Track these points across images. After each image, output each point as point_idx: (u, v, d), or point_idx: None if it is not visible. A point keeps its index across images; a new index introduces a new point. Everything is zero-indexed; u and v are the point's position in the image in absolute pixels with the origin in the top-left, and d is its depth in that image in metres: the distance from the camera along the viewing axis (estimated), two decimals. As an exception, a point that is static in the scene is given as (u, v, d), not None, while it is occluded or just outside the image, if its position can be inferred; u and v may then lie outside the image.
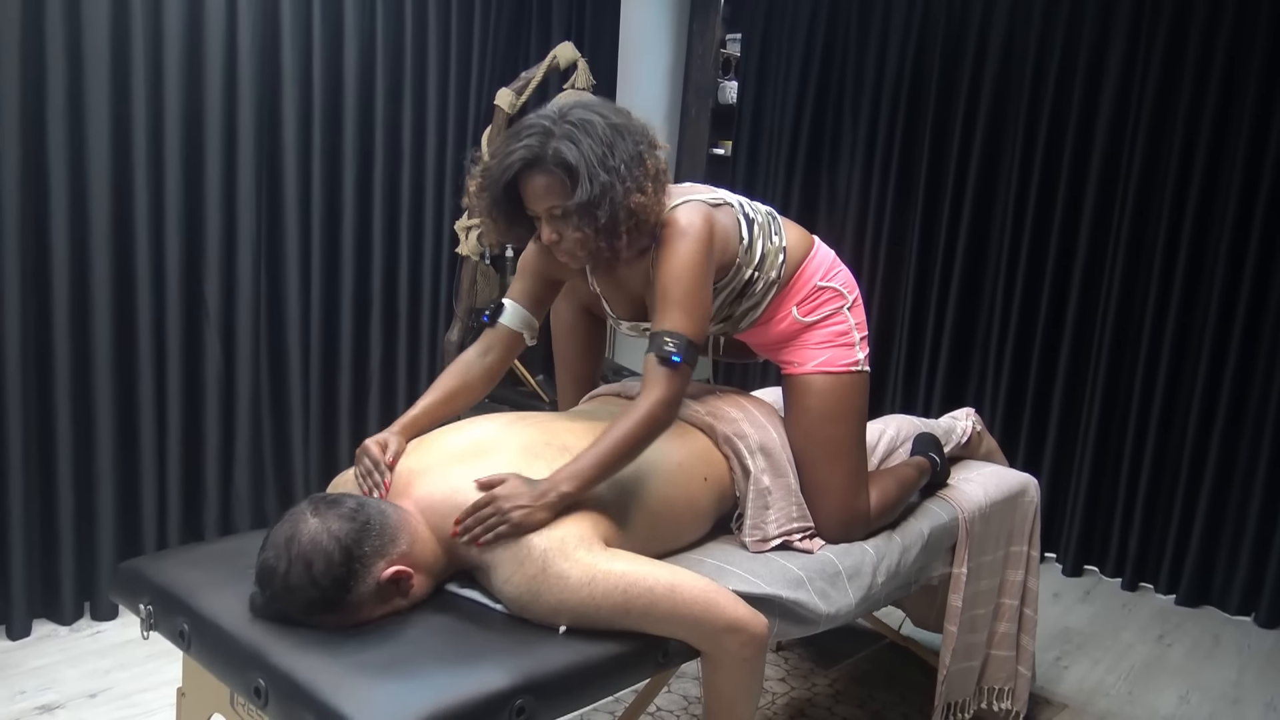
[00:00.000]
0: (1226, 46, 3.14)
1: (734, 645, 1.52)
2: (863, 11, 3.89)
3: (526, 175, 1.67)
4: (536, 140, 1.65)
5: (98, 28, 2.50)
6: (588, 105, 1.71)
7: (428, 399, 1.82)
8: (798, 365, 1.98)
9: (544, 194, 1.67)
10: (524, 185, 1.69)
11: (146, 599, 1.59)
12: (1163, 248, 3.30)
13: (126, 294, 2.66)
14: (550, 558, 1.45)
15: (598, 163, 1.64)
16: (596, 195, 1.63)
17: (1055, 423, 3.56)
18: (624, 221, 1.66)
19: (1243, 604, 3.27)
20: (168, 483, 2.81)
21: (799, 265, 1.97)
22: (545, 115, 1.69)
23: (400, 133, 3.29)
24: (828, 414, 1.95)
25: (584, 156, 1.63)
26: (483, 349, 1.90)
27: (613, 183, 1.64)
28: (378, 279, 3.30)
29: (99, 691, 2.36)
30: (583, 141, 1.64)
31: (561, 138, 1.64)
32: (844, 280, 2.04)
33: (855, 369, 1.98)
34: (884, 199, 3.90)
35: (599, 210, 1.64)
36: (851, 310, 2.01)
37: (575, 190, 1.64)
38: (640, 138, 1.71)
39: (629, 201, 1.66)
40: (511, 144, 1.68)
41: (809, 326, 1.98)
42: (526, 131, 1.67)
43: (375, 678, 1.32)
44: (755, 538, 1.84)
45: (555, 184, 1.66)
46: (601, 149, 1.65)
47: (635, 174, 1.67)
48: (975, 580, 2.24)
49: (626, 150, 1.67)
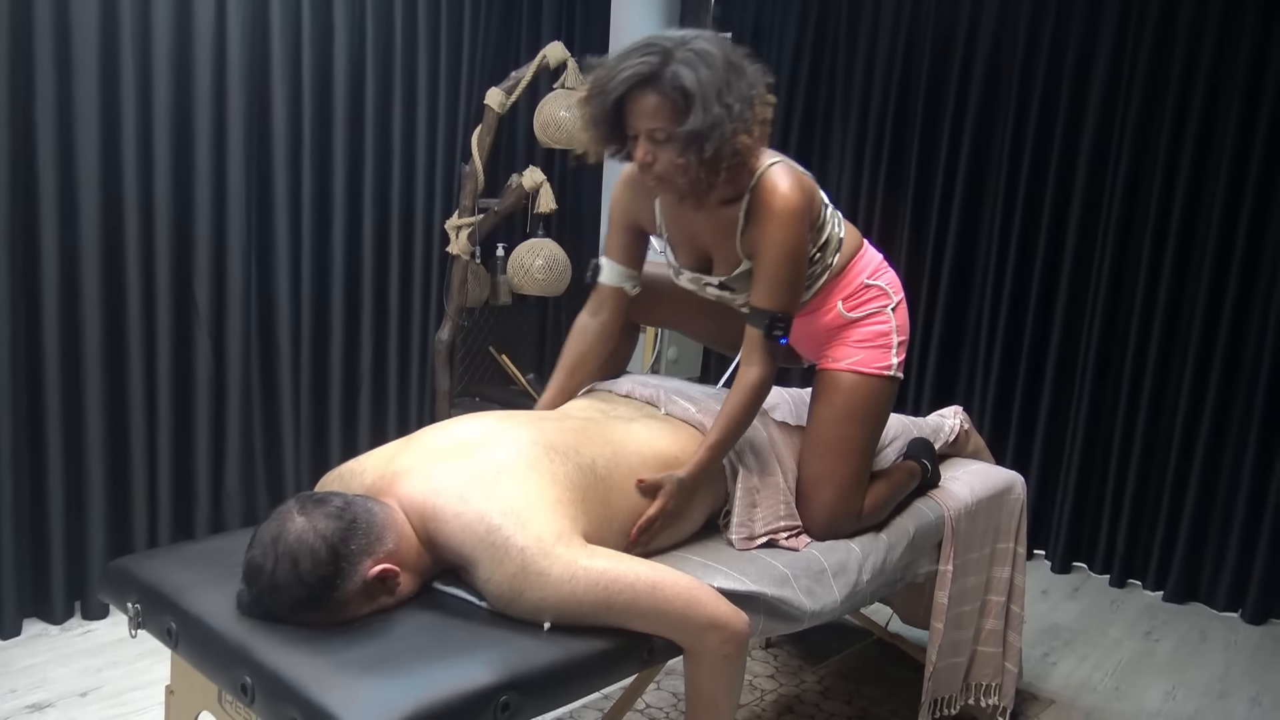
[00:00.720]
0: (1214, 39, 3.16)
1: (715, 642, 1.53)
2: (852, 11, 3.90)
3: (638, 91, 1.66)
4: (656, 59, 1.64)
5: (87, 27, 2.51)
6: (709, 38, 1.69)
7: (556, 380, 2.00)
8: (832, 360, 2.01)
9: (652, 114, 1.67)
10: (632, 101, 1.68)
11: (134, 597, 1.60)
12: (1150, 246, 3.32)
13: (116, 293, 2.67)
14: (529, 556, 1.45)
15: (714, 94, 1.64)
16: (707, 126, 1.64)
17: (1044, 420, 3.57)
18: (727, 159, 1.68)
19: (1229, 600, 3.29)
20: (158, 482, 2.81)
21: (850, 259, 2.00)
22: (666, 37, 1.68)
23: (390, 132, 3.30)
24: (849, 413, 1.98)
25: (701, 84, 1.63)
26: (594, 308, 2.02)
27: (724, 118, 1.65)
28: (368, 278, 3.31)
29: (89, 690, 2.37)
30: (701, 70, 1.63)
31: (681, 62, 1.64)
32: (890, 280, 2.06)
33: (887, 373, 2.00)
34: (874, 197, 3.91)
35: (707, 142, 1.65)
36: (895, 311, 2.03)
37: (688, 117, 1.64)
38: (755, 82, 1.72)
39: (736, 141, 1.67)
40: (627, 59, 1.66)
41: (852, 323, 2.00)
42: (645, 49, 1.66)
43: (361, 674, 1.33)
44: (741, 535, 1.85)
45: (666, 106, 1.65)
46: (719, 82, 1.65)
47: (745, 116, 1.68)
48: (962, 577, 2.26)
49: (741, 90, 1.68)
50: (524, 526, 1.47)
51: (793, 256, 1.80)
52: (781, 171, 1.80)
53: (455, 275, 3.50)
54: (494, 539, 1.47)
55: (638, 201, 1.97)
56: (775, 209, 1.77)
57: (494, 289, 3.71)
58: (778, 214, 1.77)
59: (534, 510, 1.50)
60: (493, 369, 3.87)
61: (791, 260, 1.80)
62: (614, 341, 2.06)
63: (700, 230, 1.90)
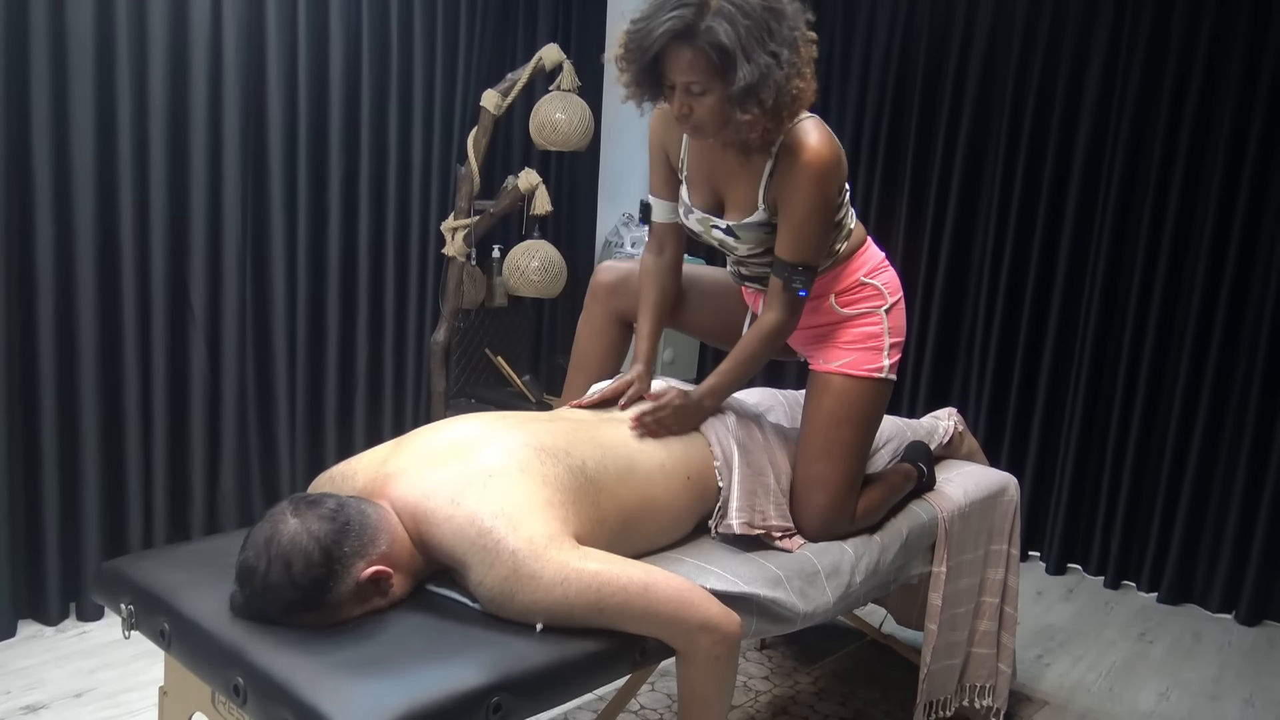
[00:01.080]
0: (1208, 39, 3.17)
1: (707, 643, 1.53)
2: (847, 13, 3.91)
3: (674, 46, 1.66)
4: (691, 12, 1.63)
5: (82, 30, 2.51)
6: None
7: (647, 329, 2.02)
8: (823, 362, 2.01)
9: (687, 68, 1.66)
10: (668, 55, 1.68)
11: (128, 598, 1.60)
12: (1144, 249, 3.33)
13: (112, 295, 2.67)
14: (521, 558, 1.45)
15: (757, 45, 1.63)
16: (759, 79, 1.64)
17: (1039, 423, 3.58)
18: (787, 106, 1.69)
19: (1224, 602, 3.29)
20: (153, 483, 2.81)
21: (852, 253, 2.01)
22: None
23: (386, 134, 3.30)
24: (840, 416, 1.98)
25: (740, 39, 1.62)
26: (656, 248, 2.05)
27: (773, 65, 1.64)
28: (364, 280, 3.31)
29: (84, 691, 2.37)
30: (740, 23, 1.62)
31: (716, 14, 1.62)
32: (888, 281, 2.05)
33: (877, 375, 1.99)
34: (869, 200, 3.92)
35: (763, 93, 1.65)
36: (889, 313, 2.02)
37: (727, 73, 1.63)
38: (796, 23, 1.70)
39: (791, 86, 1.68)
40: (662, 12, 1.65)
41: (843, 321, 2.00)
42: (679, 1, 1.64)
43: (352, 675, 1.34)
44: (743, 520, 1.85)
45: (701, 60, 1.65)
46: (759, 32, 1.64)
47: (794, 60, 1.68)
48: (955, 579, 2.26)
49: (784, 35, 1.67)
50: (515, 529, 1.47)
51: (821, 211, 1.82)
52: (815, 126, 1.80)
53: (451, 277, 3.50)
54: (485, 542, 1.47)
55: (669, 134, 1.98)
56: (808, 161, 1.78)
57: (490, 291, 3.72)
58: (810, 166, 1.78)
59: (525, 512, 1.50)
60: (488, 371, 3.88)
61: (819, 215, 1.82)
62: (680, 274, 2.09)
63: (722, 173, 1.90)
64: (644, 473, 1.75)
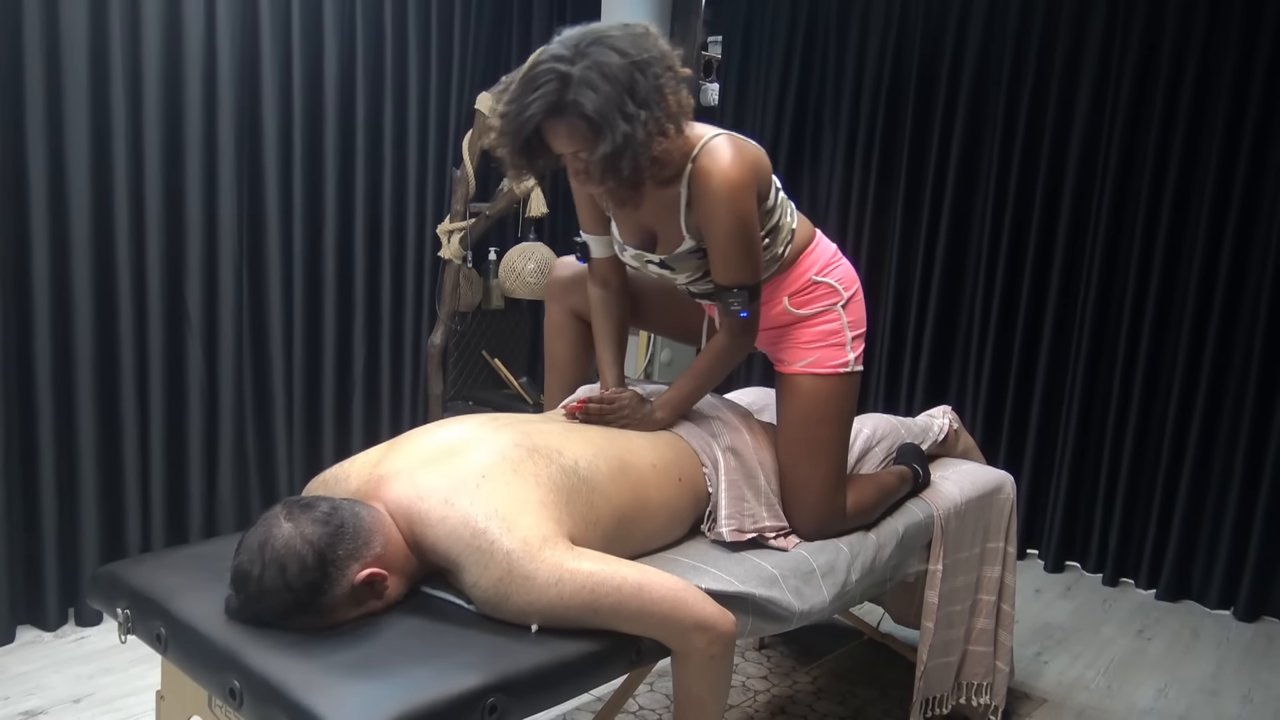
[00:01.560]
0: (1201, 40, 3.17)
1: (702, 643, 1.54)
2: (841, 15, 3.91)
3: (548, 123, 1.64)
4: (554, 88, 1.60)
5: (76, 34, 2.52)
6: (603, 39, 1.63)
7: (609, 355, 2.03)
8: (787, 364, 2.00)
9: (567, 140, 1.65)
10: (546, 130, 1.66)
11: (124, 603, 1.60)
12: (1139, 248, 3.33)
13: (108, 299, 2.67)
14: (515, 559, 1.45)
15: (617, 110, 1.59)
16: (619, 147, 1.61)
17: (1036, 420, 3.58)
18: (647, 170, 1.66)
19: (1222, 598, 3.30)
20: (151, 488, 2.82)
21: (800, 253, 1.98)
22: (559, 57, 1.62)
23: (381, 137, 3.31)
24: (813, 415, 1.96)
25: (604, 105, 1.59)
26: (600, 282, 2.04)
27: (634, 131, 1.60)
28: (360, 283, 3.32)
29: (83, 697, 2.37)
30: (601, 88, 1.59)
31: (579, 84, 1.59)
32: (841, 275, 2.02)
33: (844, 370, 1.97)
34: (864, 200, 3.92)
35: (622, 162, 1.62)
36: (846, 308, 2.00)
37: (597, 142, 1.61)
38: (660, 69, 1.65)
39: (653, 149, 1.64)
40: (529, 93, 1.62)
41: (800, 321, 1.98)
42: (543, 78, 1.61)
43: (348, 678, 1.34)
44: (732, 526, 1.85)
45: (577, 131, 1.63)
46: (620, 94, 1.59)
47: (657, 115, 1.63)
48: (951, 577, 2.26)
49: (647, 89, 1.62)
50: (509, 529, 1.47)
51: (741, 232, 1.78)
52: (720, 145, 1.75)
53: (447, 280, 3.51)
54: (479, 543, 1.47)
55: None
56: (715, 188, 1.74)
57: (486, 293, 3.72)
58: (718, 192, 1.74)
59: (519, 513, 1.50)
60: (485, 373, 3.88)
61: (741, 235, 1.78)
62: (628, 299, 2.07)
63: (645, 209, 1.86)
64: (636, 473, 1.75)
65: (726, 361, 1.92)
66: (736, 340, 1.89)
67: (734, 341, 1.89)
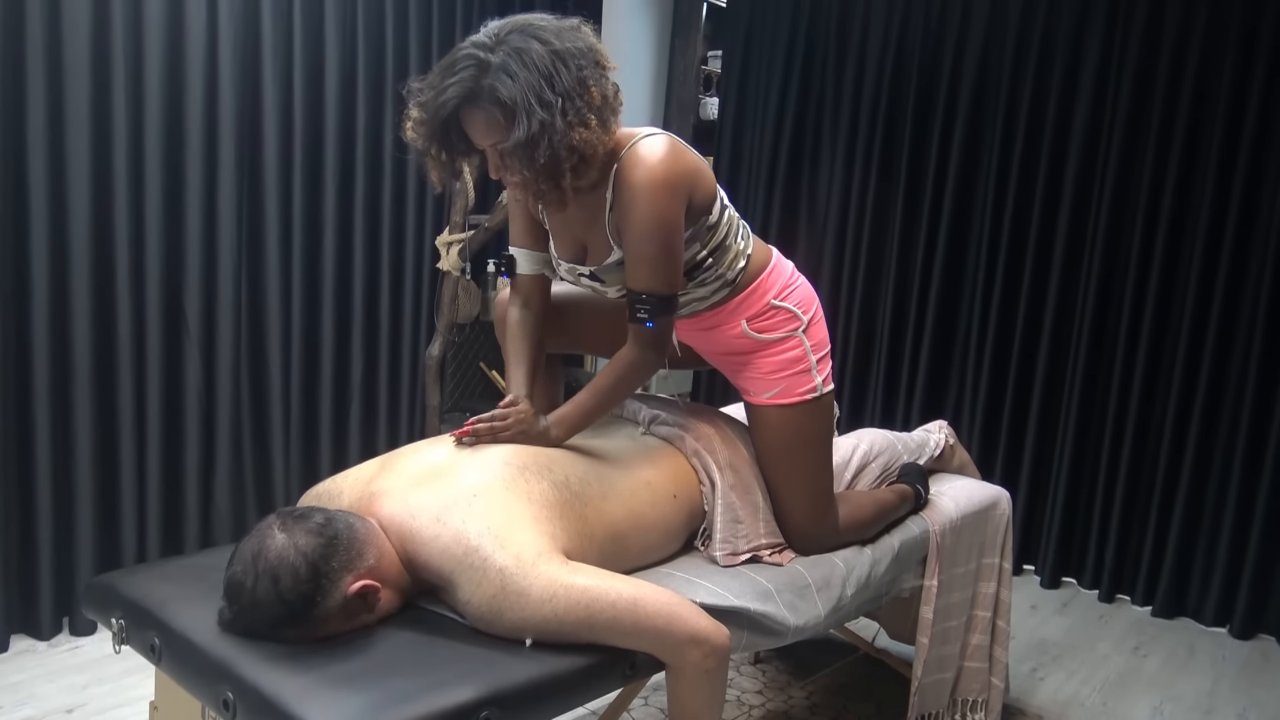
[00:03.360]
0: (1199, 49, 3.19)
1: (697, 657, 1.53)
2: (841, 30, 3.93)
3: (464, 111, 1.58)
4: (471, 74, 1.55)
5: (78, 37, 2.52)
6: (526, 28, 1.58)
7: (520, 366, 1.86)
8: (753, 395, 1.96)
9: (484, 131, 1.59)
10: (464, 120, 1.60)
11: (119, 613, 1.60)
12: (1136, 262, 3.34)
13: (106, 307, 2.67)
14: (508, 575, 1.45)
15: (535, 97, 1.53)
16: (535, 134, 1.54)
17: (1032, 436, 3.59)
18: (566, 160, 1.58)
19: (1218, 615, 3.29)
20: (147, 498, 2.81)
21: (755, 277, 1.90)
22: (480, 44, 1.57)
23: (381, 148, 3.32)
24: (787, 445, 1.93)
25: (520, 90, 1.53)
26: (521, 301, 1.91)
27: (552, 119, 1.54)
28: (359, 294, 3.32)
29: (75, 707, 2.37)
30: (519, 74, 1.53)
31: (497, 70, 1.54)
32: (800, 298, 1.96)
33: (812, 395, 1.93)
34: (863, 213, 3.93)
35: (537, 150, 1.55)
36: (808, 331, 1.94)
37: (512, 129, 1.55)
38: (585, 61, 1.59)
39: (571, 138, 1.56)
40: (446, 78, 1.57)
41: (761, 347, 1.93)
42: (461, 64, 1.57)
43: (341, 690, 1.34)
44: (726, 550, 1.85)
45: (493, 121, 1.57)
46: (539, 80, 1.54)
47: (578, 105, 1.57)
48: (947, 593, 2.26)
49: (568, 78, 1.56)
50: (502, 546, 1.47)
51: (659, 231, 1.67)
52: (650, 143, 1.68)
53: (446, 291, 3.51)
54: (472, 560, 1.47)
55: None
56: (635, 180, 1.66)
57: (484, 305, 3.72)
58: (637, 185, 1.65)
59: (512, 529, 1.50)
60: (483, 385, 3.88)
61: (658, 235, 1.67)
62: (543, 328, 1.93)
63: (576, 219, 1.79)
64: (629, 489, 1.75)
65: (631, 378, 1.79)
66: (643, 354, 1.77)
67: (640, 355, 1.77)
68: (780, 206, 4.14)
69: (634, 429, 1.96)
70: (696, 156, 1.77)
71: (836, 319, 4.02)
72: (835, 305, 4.01)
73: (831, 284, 4.01)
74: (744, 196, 4.25)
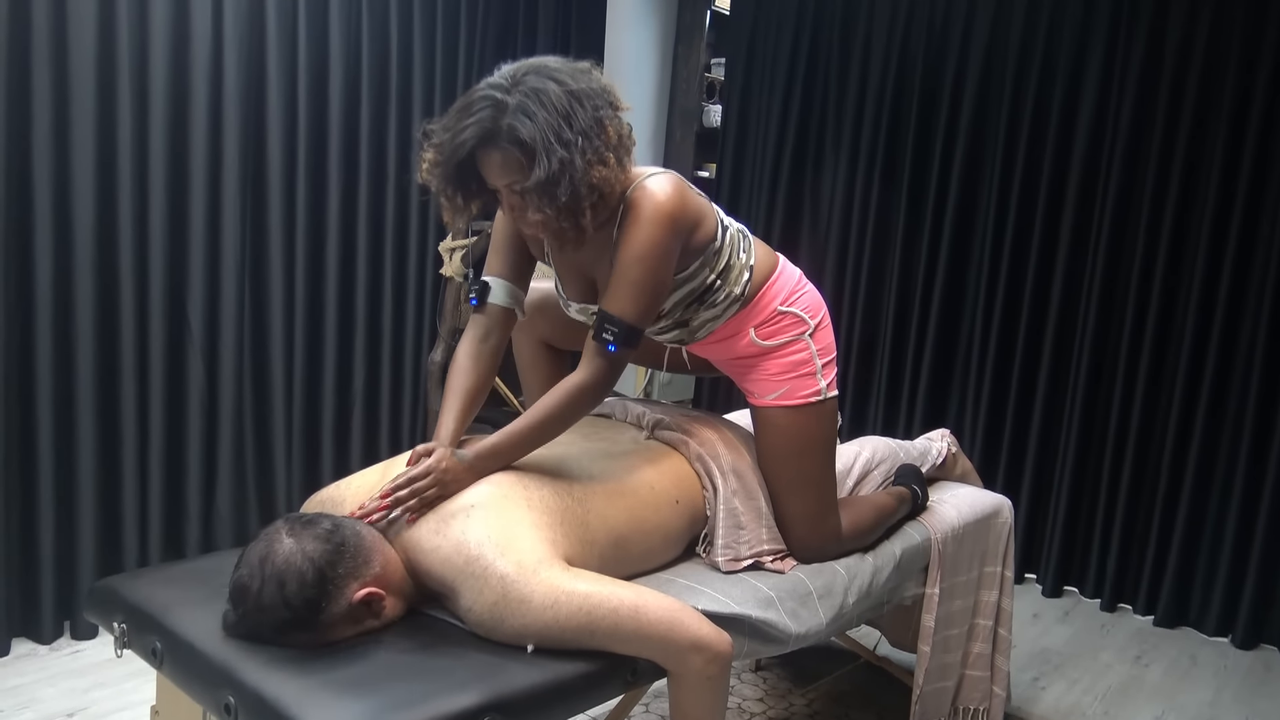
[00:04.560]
0: (1201, 60, 3.19)
1: (699, 663, 1.53)
2: (844, 38, 3.94)
3: (482, 151, 1.59)
4: (489, 115, 1.56)
5: (83, 43, 2.53)
6: (541, 70, 1.60)
7: (454, 408, 1.76)
8: (758, 396, 1.96)
9: (501, 170, 1.60)
10: (480, 160, 1.61)
11: (120, 617, 1.60)
12: (1139, 271, 3.34)
13: (110, 312, 2.68)
14: (509, 583, 1.45)
15: (554, 136, 1.54)
16: (555, 172, 1.55)
17: (1034, 444, 3.58)
18: (586, 198, 1.59)
19: (1220, 625, 3.29)
20: (149, 502, 2.81)
21: (762, 286, 1.91)
22: (496, 85, 1.59)
23: (385, 154, 3.32)
24: (790, 449, 1.93)
25: (539, 130, 1.54)
26: (481, 334, 1.84)
27: (571, 158, 1.55)
28: (362, 299, 3.33)
29: (77, 711, 2.37)
30: (537, 114, 1.54)
31: (515, 111, 1.55)
32: (807, 304, 1.97)
33: (816, 399, 1.93)
34: (865, 221, 3.94)
35: (558, 188, 1.56)
36: (814, 336, 1.95)
37: (532, 168, 1.55)
38: (600, 102, 1.61)
39: (591, 176, 1.58)
40: (463, 119, 1.58)
41: (767, 352, 1.93)
42: (478, 105, 1.57)
43: (343, 695, 1.34)
44: (728, 556, 1.85)
45: (511, 160, 1.57)
46: (557, 120, 1.55)
47: (596, 144, 1.58)
48: (949, 601, 2.26)
49: (585, 118, 1.58)
50: (503, 553, 1.48)
51: (651, 259, 1.67)
52: (657, 180, 1.70)
53: (448, 297, 3.52)
54: (473, 569, 1.48)
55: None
56: (642, 207, 1.67)
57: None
58: (640, 215, 1.67)
59: (512, 536, 1.50)
60: (486, 390, 3.88)
61: (647, 261, 1.67)
62: (498, 363, 1.87)
63: (581, 257, 1.79)
64: (632, 493, 1.75)
65: (578, 404, 1.70)
66: (593, 379, 1.69)
67: (590, 380, 1.69)
68: (783, 214, 4.15)
69: (637, 433, 1.96)
70: (700, 197, 1.79)
71: (839, 326, 4.02)
72: (838, 313, 4.02)
73: (834, 291, 4.01)
74: (746, 204, 4.26)
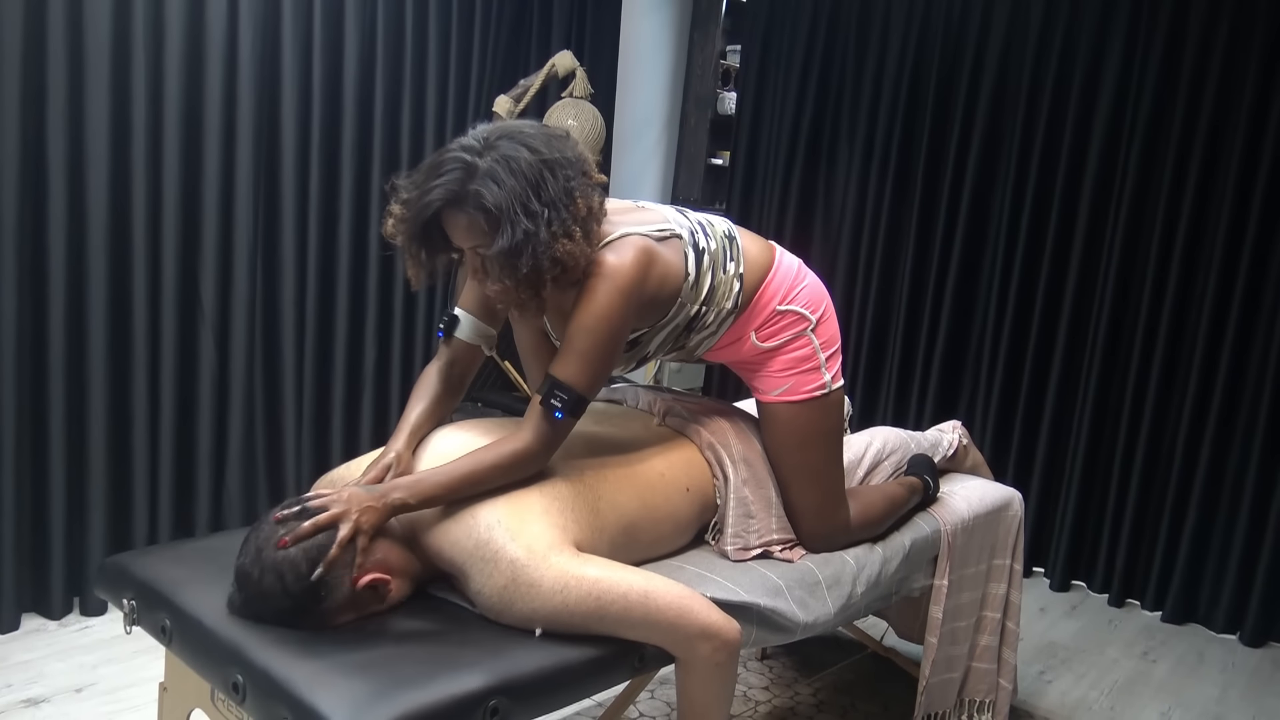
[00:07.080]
0: (1222, 55, 3.16)
1: (707, 650, 1.53)
2: (861, 25, 3.92)
3: (447, 213, 1.56)
4: (457, 177, 1.53)
5: (99, 29, 2.53)
6: (516, 135, 1.57)
7: (405, 432, 1.72)
8: (762, 392, 1.95)
9: (466, 234, 1.56)
10: (446, 221, 1.58)
11: (130, 594, 1.61)
12: (1154, 265, 3.32)
13: (122, 293, 2.68)
14: (519, 566, 1.45)
15: (520, 207, 1.51)
16: (519, 243, 1.51)
17: (1045, 438, 3.57)
18: (548, 270, 1.54)
19: (1228, 622, 3.28)
20: (160, 480, 2.82)
21: (757, 289, 1.88)
22: (469, 147, 1.55)
23: (398, 137, 3.32)
24: (795, 442, 1.93)
25: (506, 198, 1.51)
26: (446, 362, 1.81)
27: (536, 229, 1.51)
28: (373, 281, 3.32)
29: (85, 686, 2.38)
30: (505, 181, 1.51)
31: (484, 176, 1.52)
32: (807, 299, 1.93)
33: (821, 393, 1.92)
34: (879, 211, 3.92)
35: (520, 259, 1.52)
36: (816, 330, 1.92)
37: (495, 236, 1.52)
38: (573, 172, 1.58)
39: (555, 250, 1.53)
40: (432, 179, 1.55)
41: (770, 352, 1.91)
42: (448, 166, 1.54)
43: (351, 676, 1.34)
44: (737, 545, 1.84)
45: (476, 226, 1.54)
46: (525, 190, 1.52)
47: (563, 216, 1.54)
48: (957, 593, 2.26)
49: (555, 188, 1.54)
50: (514, 537, 1.48)
51: (599, 332, 1.61)
52: (616, 246, 1.64)
53: (460, 280, 3.51)
54: (483, 552, 1.48)
55: None
56: (594, 281, 1.61)
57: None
58: (595, 285, 1.61)
59: (523, 520, 1.50)
60: (495, 375, 3.88)
61: (597, 332, 1.61)
62: (464, 392, 1.84)
63: (556, 309, 1.75)
64: (643, 480, 1.74)
65: (509, 471, 1.57)
66: (533, 448, 1.59)
67: (529, 449, 1.59)
68: (796, 203, 4.14)
69: (649, 419, 1.95)
70: (665, 262, 1.72)
71: (850, 318, 4.01)
72: (849, 304, 4.00)
73: (846, 282, 4.00)
74: (760, 192, 4.25)
